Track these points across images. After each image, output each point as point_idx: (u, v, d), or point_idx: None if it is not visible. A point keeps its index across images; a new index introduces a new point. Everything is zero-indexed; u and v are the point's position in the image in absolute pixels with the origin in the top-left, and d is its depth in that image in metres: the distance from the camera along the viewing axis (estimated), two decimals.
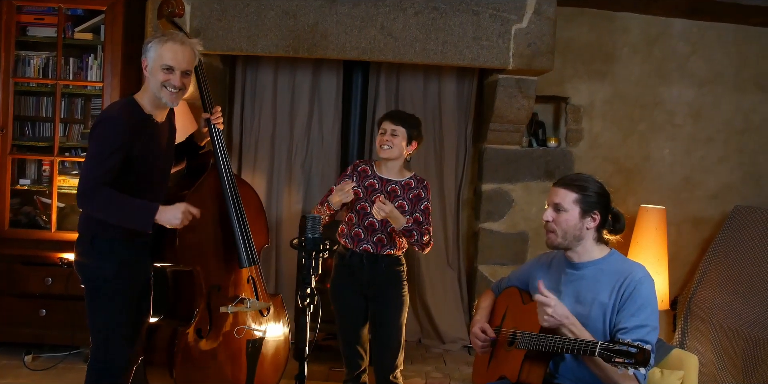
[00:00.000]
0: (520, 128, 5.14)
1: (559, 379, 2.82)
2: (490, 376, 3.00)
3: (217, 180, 3.46)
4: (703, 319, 4.87)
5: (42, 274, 4.67)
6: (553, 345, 2.62)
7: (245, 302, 3.43)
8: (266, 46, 4.70)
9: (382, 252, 3.63)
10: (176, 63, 3.11)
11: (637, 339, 2.52)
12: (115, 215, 3.01)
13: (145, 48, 3.13)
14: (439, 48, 4.74)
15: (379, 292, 3.66)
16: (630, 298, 2.64)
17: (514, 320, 2.97)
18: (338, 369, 4.66)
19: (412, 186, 3.68)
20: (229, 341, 3.41)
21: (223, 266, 3.45)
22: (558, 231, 2.77)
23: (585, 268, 2.81)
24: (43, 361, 4.68)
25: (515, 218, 5.26)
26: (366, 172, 3.71)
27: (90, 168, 2.98)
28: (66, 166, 4.95)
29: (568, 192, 2.77)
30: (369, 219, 3.59)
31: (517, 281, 3.15)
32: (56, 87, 4.85)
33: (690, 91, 5.45)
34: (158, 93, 3.11)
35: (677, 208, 5.41)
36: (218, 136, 3.47)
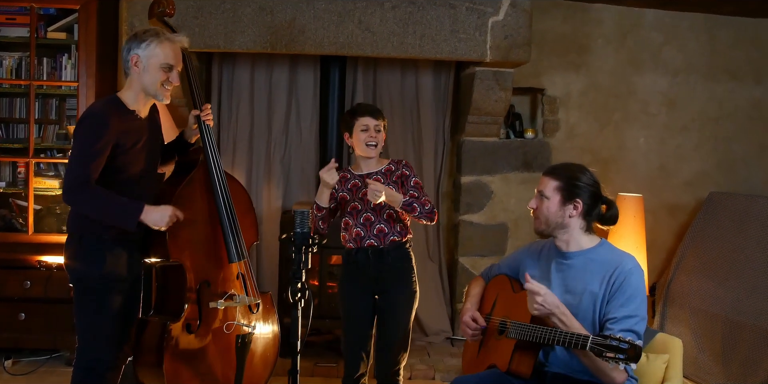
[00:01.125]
0: (497, 120, 5.25)
1: (549, 368, 2.87)
2: (480, 364, 3.06)
3: (206, 175, 3.49)
4: (682, 304, 5.02)
5: (20, 277, 4.68)
6: (545, 336, 2.67)
7: (235, 298, 3.46)
8: (243, 42, 4.74)
9: (386, 241, 3.60)
10: (176, 61, 3.19)
11: (626, 329, 2.59)
12: (100, 212, 3.07)
13: (134, 44, 3.14)
14: (416, 42, 4.82)
15: (387, 287, 3.65)
16: (620, 289, 2.69)
17: (505, 309, 3.02)
18: (324, 364, 4.73)
19: (393, 170, 3.69)
20: (218, 337, 3.43)
21: (212, 261, 3.48)
22: (541, 218, 2.86)
23: (574, 258, 2.86)
24: (24, 366, 4.70)
25: (495, 210, 5.38)
26: (345, 177, 3.72)
27: (76, 165, 3.03)
28: (42, 168, 4.97)
29: (550, 180, 2.85)
30: (364, 215, 3.61)
31: (507, 269, 3.21)
32: (30, 88, 4.86)
33: (664, 81, 5.62)
34: (155, 91, 3.17)
35: (653, 195, 5.57)
36: (208, 132, 3.51)
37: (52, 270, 4.59)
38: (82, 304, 3.15)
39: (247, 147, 5.39)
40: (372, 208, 3.59)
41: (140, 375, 3.39)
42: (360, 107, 3.79)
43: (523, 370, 2.83)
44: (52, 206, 4.93)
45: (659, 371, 2.94)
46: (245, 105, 5.37)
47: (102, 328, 3.13)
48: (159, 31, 3.19)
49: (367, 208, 3.60)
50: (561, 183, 2.82)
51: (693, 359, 4.80)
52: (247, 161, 5.39)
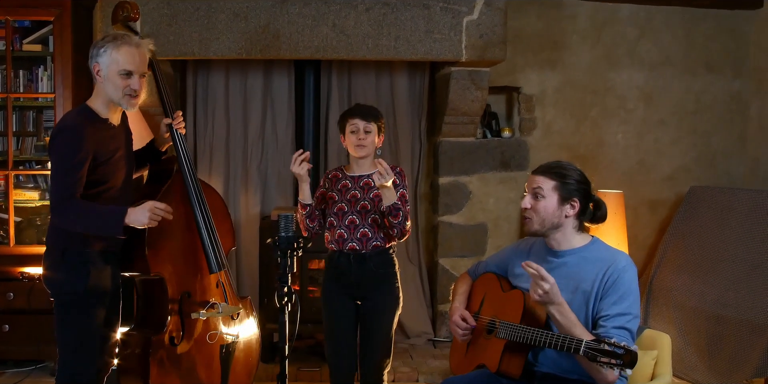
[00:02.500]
0: (474, 120, 5.34)
1: (538, 368, 2.89)
2: (468, 363, 3.10)
3: (182, 185, 3.52)
4: (665, 300, 5.08)
5: (3, 289, 4.76)
6: (537, 339, 2.70)
7: (216, 307, 3.47)
8: (218, 49, 4.82)
9: (368, 246, 3.59)
10: (135, 67, 3.12)
11: (619, 326, 2.63)
12: (88, 225, 3.07)
13: (95, 52, 3.12)
14: (391, 43, 4.89)
15: (368, 293, 3.64)
16: (613, 286, 2.71)
17: (493, 308, 3.06)
18: (306, 369, 4.78)
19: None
20: (202, 347, 3.49)
21: (192, 272, 3.53)
22: (536, 218, 2.85)
23: (567, 256, 2.89)
24: (9, 377, 4.76)
25: (473, 210, 5.47)
26: (337, 176, 3.73)
27: (57, 183, 3.04)
28: (21, 180, 5.07)
29: (546, 179, 2.85)
30: (349, 217, 3.60)
31: (494, 267, 3.25)
32: (7, 100, 4.96)
33: (640, 75, 5.72)
34: (118, 99, 3.13)
35: (633, 191, 5.67)
36: (181, 141, 3.53)
37: (35, 281, 4.68)
38: (64, 319, 3.16)
39: (223, 154, 5.47)
40: (358, 211, 3.59)
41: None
42: (352, 108, 3.79)
43: (512, 370, 2.87)
44: (33, 218, 5.04)
45: (648, 368, 2.98)
46: (221, 112, 5.45)
47: (84, 342, 3.16)
48: (117, 36, 3.15)
49: (353, 210, 3.60)
50: (558, 182, 2.84)
51: (678, 355, 4.84)
52: (224, 168, 5.47)
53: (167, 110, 3.56)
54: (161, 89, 3.59)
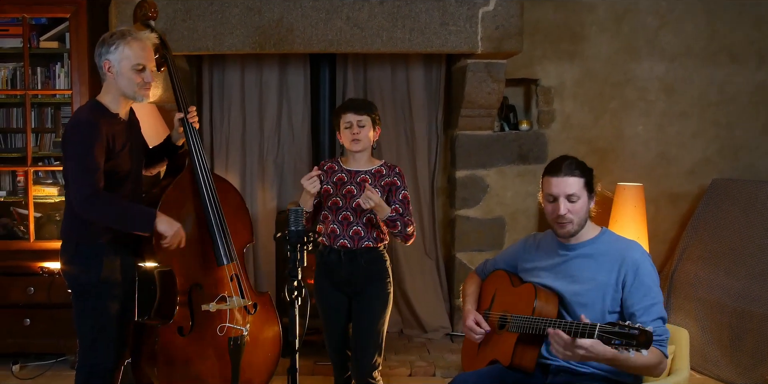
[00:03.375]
0: (491, 113, 5.29)
1: (552, 361, 2.89)
2: (481, 360, 3.08)
3: (193, 178, 3.56)
4: (687, 294, 5.02)
5: (24, 284, 4.84)
6: (546, 328, 2.68)
7: (226, 300, 3.53)
8: (232, 44, 4.82)
9: (360, 245, 3.59)
10: (147, 60, 3.24)
11: (656, 317, 2.66)
12: (117, 220, 3.19)
13: (104, 50, 3.20)
14: (406, 36, 4.85)
15: (359, 289, 3.64)
16: (636, 280, 2.73)
17: (504, 303, 3.05)
18: (323, 363, 4.77)
19: (383, 173, 3.65)
20: (213, 339, 3.52)
21: (202, 265, 3.55)
22: (576, 220, 2.84)
23: (579, 248, 2.90)
24: (31, 370, 4.85)
25: (491, 204, 5.43)
26: (333, 168, 3.71)
27: (81, 175, 3.10)
28: (40, 176, 5.14)
29: (576, 179, 2.84)
30: (343, 213, 3.59)
31: (504, 264, 3.24)
32: (25, 97, 5.01)
33: (661, 66, 5.62)
34: (133, 93, 3.23)
35: (654, 184, 5.58)
36: (193, 135, 3.57)
37: (54, 276, 4.74)
38: (82, 309, 3.27)
39: (239, 148, 5.48)
40: (353, 208, 3.58)
41: (137, 377, 3.51)
42: (344, 103, 3.79)
43: (526, 363, 2.87)
44: (52, 213, 5.11)
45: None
46: (236, 107, 5.47)
47: (101, 332, 3.25)
48: (125, 32, 3.23)
49: (348, 206, 3.59)
50: (585, 179, 2.85)
51: (700, 350, 4.81)
52: (241, 162, 5.49)
53: (180, 105, 3.60)
54: (175, 85, 3.63)
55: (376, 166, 3.68)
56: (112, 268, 3.25)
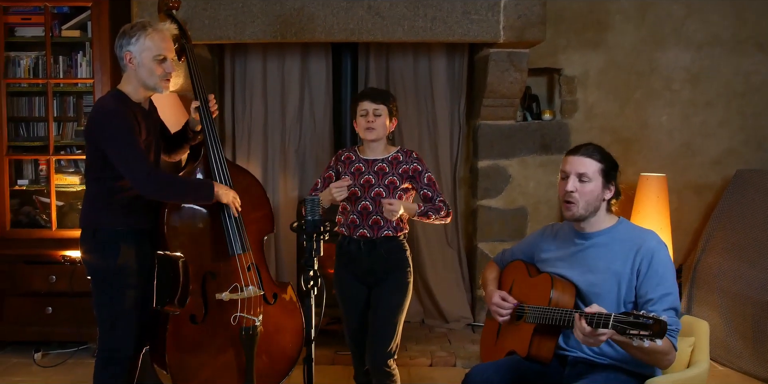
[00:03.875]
0: (513, 102, 5.24)
1: (570, 353, 2.87)
2: (498, 351, 3.05)
3: (207, 168, 3.51)
4: (710, 286, 4.95)
5: (46, 272, 4.85)
6: (564, 318, 2.68)
7: (240, 289, 3.48)
8: (253, 32, 4.81)
9: (380, 234, 3.56)
10: (167, 51, 3.25)
11: (668, 308, 2.62)
12: (181, 194, 3.29)
13: (125, 41, 3.20)
14: (428, 25, 4.81)
15: (379, 279, 3.60)
16: (650, 268, 2.69)
17: (521, 294, 3.01)
18: (343, 353, 4.75)
19: (401, 160, 3.62)
20: (227, 328, 3.47)
21: (215, 254, 3.49)
22: (581, 202, 2.80)
23: (595, 237, 2.87)
24: (53, 358, 4.86)
25: (513, 194, 5.38)
26: (350, 158, 3.70)
27: (134, 158, 3.12)
28: (62, 165, 5.13)
29: (592, 161, 2.80)
30: (362, 203, 3.56)
31: (521, 254, 3.20)
32: (47, 86, 5.01)
33: (686, 55, 5.52)
34: (154, 84, 3.24)
35: (678, 175, 5.50)
36: (210, 125, 3.52)
37: (76, 264, 4.75)
38: (100, 296, 3.28)
39: (261, 138, 5.47)
40: (372, 197, 3.55)
41: (155, 364, 3.51)
42: (362, 91, 3.77)
43: (543, 354, 2.84)
44: (74, 202, 5.11)
45: (684, 355, 2.90)
46: (258, 96, 5.45)
47: (120, 319, 3.25)
48: (146, 24, 3.23)
49: (367, 196, 3.56)
50: (603, 165, 2.81)
51: (722, 342, 4.76)
52: (263, 152, 5.48)
53: (198, 94, 3.56)
54: (193, 74, 3.59)
55: (393, 153, 3.65)
56: (130, 255, 3.25)
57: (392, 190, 3.55)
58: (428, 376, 4.60)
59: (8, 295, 4.86)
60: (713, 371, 4.67)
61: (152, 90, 3.28)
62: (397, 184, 3.56)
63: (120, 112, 3.13)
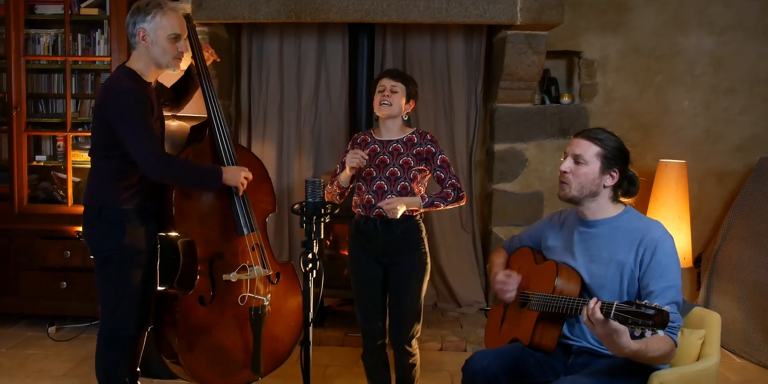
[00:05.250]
0: (531, 85, 5.05)
1: (575, 342, 2.77)
2: (503, 338, 2.96)
3: (213, 149, 3.43)
4: (729, 275, 4.76)
5: (61, 247, 4.82)
6: (567, 306, 2.58)
7: (248, 269, 3.42)
8: (268, 12, 4.69)
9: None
10: (182, 30, 3.18)
11: (670, 301, 2.49)
12: (190, 179, 3.20)
13: (140, 18, 3.09)
14: (443, 5, 4.65)
15: (395, 259, 3.50)
16: (653, 259, 2.57)
17: (527, 281, 2.90)
18: (354, 334, 4.67)
19: (415, 141, 3.53)
20: (234, 309, 3.40)
21: (222, 234, 3.42)
22: (574, 183, 2.69)
23: (599, 226, 2.74)
24: (66, 332, 4.85)
25: (529, 178, 5.19)
26: (366, 141, 3.61)
27: (146, 140, 3.03)
28: (79, 141, 5.07)
29: (591, 144, 2.69)
30: (377, 182, 3.47)
31: (528, 241, 3.09)
32: (66, 63, 4.96)
33: (710, 40, 5.26)
34: (167, 62, 3.15)
35: (699, 162, 5.26)
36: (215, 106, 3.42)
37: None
38: (104, 275, 3.18)
39: (277, 118, 5.38)
40: (386, 177, 3.47)
41: (161, 345, 3.41)
42: (384, 70, 3.73)
43: (546, 343, 2.74)
44: None
45: (694, 347, 2.77)
46: (275, 76, 5.36)
47: (123, 299, 3.16)
48: (161, 2, 3.14)
49: (382, 176, 3.48)
50: (603, 150, 2.67)
51: (741, 334, 4.58)
52: (278, 132, 5.39)
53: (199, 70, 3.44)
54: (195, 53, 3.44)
55: (408, 134, 3.56)
56: (135, 234, 3.14)
57: (407, 169, 3.46)
58: (438, 361, 4.49)
59: (24, 269, 4.83)
60: (731, 363, 4.48)
61: (164, 68, 3.17)
62: (411, 164, 3.47)
63: (136, 91, 3.04)
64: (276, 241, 5.31)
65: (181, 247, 3.46)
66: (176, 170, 3.11)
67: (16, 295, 4.84)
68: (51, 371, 4.21)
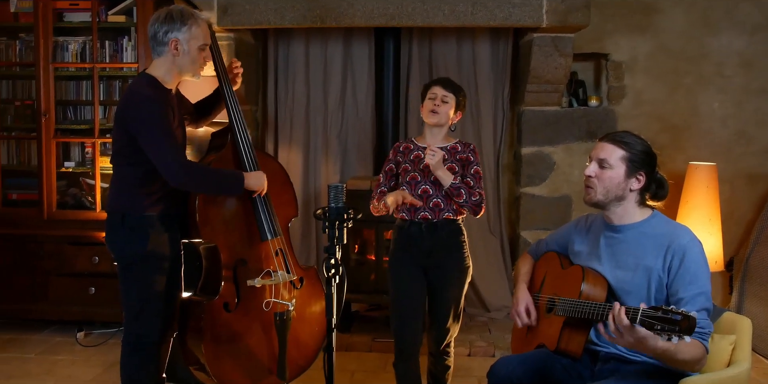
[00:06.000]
0: (558, 88, 4.98)
1: (601, 348, 2.72)
2: (528, 343, 2.92)
3: (235, 155, 3.42)
4: (763, 279, 4.64)
5: (89, 253, 4.82)
6: (593, 312, 2.54)
7: (272, 275, 3.39)
8: (294, 17, 4.69)
9: (441, 217, 3.46)
10: (209, 39, 3.20)
11: (700, 308, 2.43)
12: (212, 185, 3.19)
13: (175, 26, 3.06)
14: (468, 9, 4.61)
15: (439, 261, 3.49)
16: (682, 266, 2.51)
17: (553, 286, 2.86)
18: (381, 340, 4.62)
19: (459, 150, 3.54)
20: (259, 314, 3.38)
21: (246, 240, 3.40)
22: (599, 188, 2.64)
23: (626, 231, 2.68)
24: (95, 338, 4.84)
25: (557, 181, 5.11)
26: (408, 148, 3.60)
27: (167, 150, 3.01)
28: (107, 148, 5.04)
29: (615, 148, 2.63)
30: (422, 186, 3.47)
31: (555, 245, 3.04)
32: (93, 70, 4.95)
33: (740, 40, 5.14)
34: (194, 71, 3.15)
35: (730, 164, 5.14)
36: (234, 108, 3.41)
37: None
38: (127, 282, 3.17)
39: (303, 123, 5.37)
40: (432, 182, 3.45)
41: (184, 352, 3.40)
42: (435, 79, 3.72)
43: (572, 348, 2.69)
44: None
45: (725, 353, 2.71)
46: (301, 81, 5.35)
47: (147, 305, 3.15)
48: (193, 12, 3.14)
49: (427, 180, 3.47)
50: (628, 153, 2.61)
51: None
52: (305, 137, 5.37)
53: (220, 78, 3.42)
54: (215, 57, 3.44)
55: (452, 143, 3.58)
56: (158, 241, 3.12)
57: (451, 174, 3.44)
58: (466, 366, 4.41)
59: (53, 274, 4.83)
60: (764, 369, 4.37)
61: (189, 76, 3.16)
62: (456, 170, 3.47)
63: (157, 99, 3.03)
64: (303, 246, 5.28)
65: (204, 253, 3.44)
66: (198, 177, 3.10)
67: (45, 300, 4.83)
68: (79, 377, 4.19)
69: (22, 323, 4.98)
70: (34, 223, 4.93)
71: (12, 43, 5.06)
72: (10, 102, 5.16)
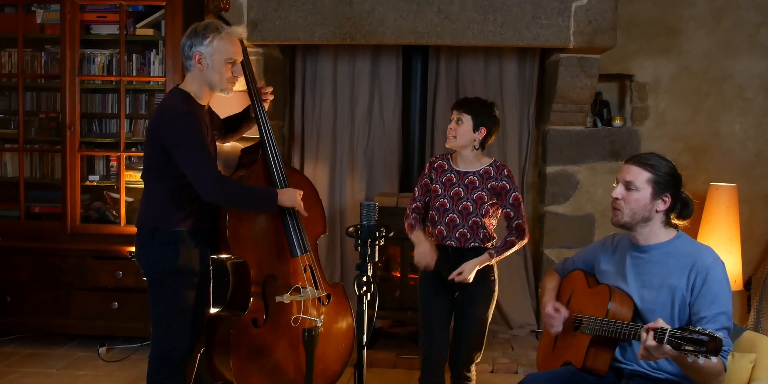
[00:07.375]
0: (583, 108, 4.96)
1: (627, 365, 2.72)
2: (555, 361, 2.92)
3: (265, 171, 3.40)
4: None
5: (113, 267, 4.74)
6: (620, 331, 2.56)
7: (301, 291, 3.35)
8: (323, 34, 4.66)
9: (467, 246, 3.45)
10: (237, 55, 3.14)
11: (721, 327, 2.46)
12: (246, 202, 3.16)
13: (197, 41, 3.06)
14: (497, 29, 4.59)
15: (466, 285, 3.44)
16: (704, 286, 2.54)
17: (579, 304, 2.88)
18: (405, 356, 4.59)
19: (491, 174, 3.46)
20: (287, 330, 3.35)
21: (276, 256, 3.39)
22: (626, 209, 2.66)
23: (651, 251, 2.70)
24: (117, 353, 4.76)
25: (581, 200, 5.08)
26: (443, 167, 3.55)
27: (204, 162, 3.00)
28: (132, 162, 4.97)
29: (641, 170, 2.65)
30: (449, 215, 3.44)
31: (582, 264, 3.04)
32: (120, 83, 4.90)
33: (761, 63, 5.14)
34: (222, 86, 3.12)
35: (750, 185, 5.12)
36: (266, 125, 3.41)
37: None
38: (156, 297, 3.14)
39: (330, 139, 5.34)
40: (459, 210, 3.43)
41: (211, 368, 3.36)
42: (457, 100, 3.68)
43: (599, 366, 2.71)
44: None
45: (745, 371, 2.74)
46: (328, 97, 5.32)
47: (175, 320, 3.12)
48: (218, 26, 3.11)
49: (455, 208, 3.43)
50: (654, 175, 2.64)
51: None
52: (331, 153, 5.34)
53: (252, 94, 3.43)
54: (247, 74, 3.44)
55: (485, 166, 3.50)
56: (188, 256, 3.10)
57: (479, 205, 3.43)
58: (488, 383, 4.39)
59: (76, 289, 4.74)
60: None
61: (217, 91, 3.13)
62: (485, 199, 3.43)
63: (191, 114, 3.01)
64: (328, 262, 5.22)
65: (232, 268, 3.41)
66: (233, 192, 3.07)
67: (68, 315, 4.73)
68: None
69: (44, 338, 4.88)
70: (58, 236, 4.85)
71: (38, 55, 4.98)
72: (34, 114, 5.05)
